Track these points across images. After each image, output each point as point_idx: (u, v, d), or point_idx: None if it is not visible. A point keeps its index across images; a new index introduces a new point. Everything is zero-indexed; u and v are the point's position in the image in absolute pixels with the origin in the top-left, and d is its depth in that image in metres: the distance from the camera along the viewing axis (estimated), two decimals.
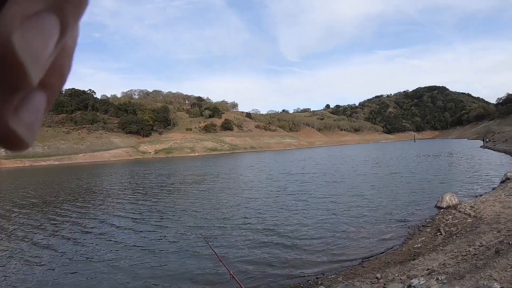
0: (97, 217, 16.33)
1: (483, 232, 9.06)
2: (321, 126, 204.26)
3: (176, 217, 15.46)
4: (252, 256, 9.78)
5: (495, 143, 53.56)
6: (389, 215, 13.66)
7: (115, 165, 67.39)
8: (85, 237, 12.66)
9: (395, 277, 7.08)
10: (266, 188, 23.24)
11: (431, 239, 10.14)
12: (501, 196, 13.57)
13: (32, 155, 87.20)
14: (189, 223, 14.02)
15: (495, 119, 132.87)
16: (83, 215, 17.01)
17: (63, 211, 18.03)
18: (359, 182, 23.67)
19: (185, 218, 15.14)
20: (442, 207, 13.72)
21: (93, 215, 16.79)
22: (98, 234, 13.02)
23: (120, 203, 20.07)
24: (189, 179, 31.81)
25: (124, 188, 27.25)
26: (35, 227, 14.74)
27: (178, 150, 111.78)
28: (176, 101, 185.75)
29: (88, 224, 14.83)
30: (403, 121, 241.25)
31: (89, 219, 15.89)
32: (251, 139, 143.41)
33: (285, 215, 14.73)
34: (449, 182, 21.43)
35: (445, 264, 7.06)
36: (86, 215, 16.88)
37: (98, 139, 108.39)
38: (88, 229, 14.00)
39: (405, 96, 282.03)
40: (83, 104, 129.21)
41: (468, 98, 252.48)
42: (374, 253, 9.72)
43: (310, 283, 8.00)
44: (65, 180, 37.29)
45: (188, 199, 20.53)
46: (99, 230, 13.64)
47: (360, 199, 17.33)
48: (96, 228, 14.04)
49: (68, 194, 25.08)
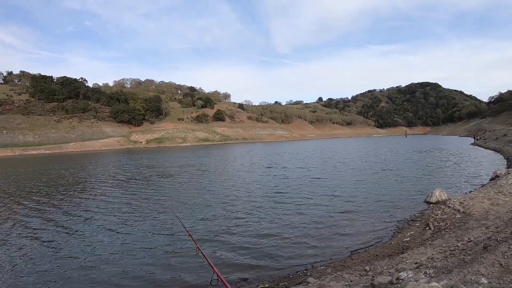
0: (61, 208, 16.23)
1: (472, 228, 9.14)
2: (313, 119, 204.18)
3: (156, 206, 15.41)
4: (241, 248, 9.78)
5: (486, 141, 54.02)
6: (379, 209, 13.75)
7: (105, 155, 66.86)
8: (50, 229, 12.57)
9: (383, 270, 7.12)
10: (257, 181, 23.23)
11: (420, 233, 10.22)
12: (490, 193, 13.70)
13: (22, 143, 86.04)
14: (175, 218, 13.97)
15: (487, 117, 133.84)
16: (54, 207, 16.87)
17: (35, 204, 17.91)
18: (350, 176, 23.76)
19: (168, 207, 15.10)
20: (432, 202, 13.84)
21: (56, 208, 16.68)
22: (65, 227, 12.94)
23: (95, 195, 19.95)
24: (176, 170, 31.69)
25: (104, 181, 27.09)
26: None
27: (169, 140, 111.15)
28: (168, 90, 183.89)
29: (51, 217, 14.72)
30: (395, 116, 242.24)
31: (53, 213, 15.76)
32: (243, 130, 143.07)
33: (274, 207, 14.75)
34: (439, 178, 21.61)
35: (433, 258, 7.11)
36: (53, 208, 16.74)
37: (89, 128, 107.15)
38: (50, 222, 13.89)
39: (398, 92, 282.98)
40: (75, 93, 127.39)
41: (460, 95, 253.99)
42: (363, 246, 9.78)
43: (299, 274, 8.02)
44: (48, 169, 36.98)
45: (172, 189, 20.46)
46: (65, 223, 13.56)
47: (349, 193, 17.39)
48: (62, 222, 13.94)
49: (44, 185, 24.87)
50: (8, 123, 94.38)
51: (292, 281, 7.54)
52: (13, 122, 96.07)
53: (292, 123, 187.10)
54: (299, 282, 7.20)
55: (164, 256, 9.36)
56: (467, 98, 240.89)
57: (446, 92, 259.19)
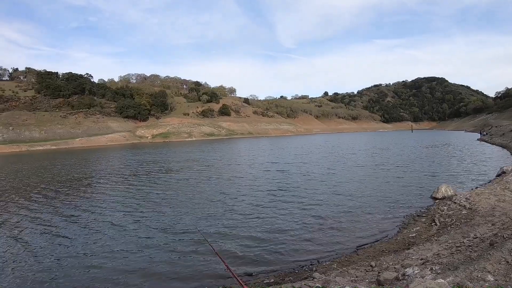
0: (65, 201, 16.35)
1: (478, 224, 9.11)
2: (318, 114, 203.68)
3: (170, 207, 15.50)
4: (245, 244, 9.82)
5: (492, 137, 53.60)
6: (384, 205, 13.73)
7: (111, 150, 67.23)
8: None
9: (389, 265, 7.13)
10: (261, 177, 23.27)
11: (426, 229, 10.20)
12: (496, 189, 13.63)
13: (29, 139, 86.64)
14: (182, 214, 14.04)
15: (493, 112, 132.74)
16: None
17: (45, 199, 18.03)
18: (355, 172, 23.73)
19: (179, 209, 15.18)
20: (438, 198, 13.80)
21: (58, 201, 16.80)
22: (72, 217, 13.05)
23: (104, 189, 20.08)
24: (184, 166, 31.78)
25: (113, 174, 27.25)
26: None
27: (175, 134, 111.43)
28: (174, 85, 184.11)
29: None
30: (401, 110, 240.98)
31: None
32: (248, 124, 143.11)
33: (278, 203, 14.76)
34: (445, 173, 21.50)
35: (439, 254, 7.11)
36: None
37: (95, 124, 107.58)
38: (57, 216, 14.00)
39: (404, 86, 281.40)
40: (80, 88, 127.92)
41: (467, 90, 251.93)
42: (369, 241, 9.78)
43: (304, 269, 8.05)
44: (54, 164, 37.25)
45: (180, 188, 20.55)
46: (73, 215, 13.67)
47: (355, 188, 17.38)
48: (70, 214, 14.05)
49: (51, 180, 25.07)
50: (14, 119, 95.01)
51: (297, 276, 7.56)
52: (19, 118, 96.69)
53: (298, 117, 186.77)
54: (305, 277, 7.23)
55: (171, 251, 9.43)
56: (473, 93, 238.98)
57: (453, 87, 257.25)
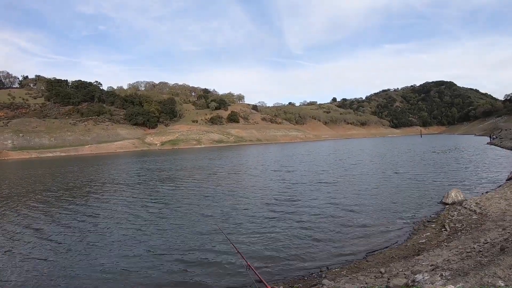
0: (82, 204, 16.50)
1: (488, 229, 9.03)
2: (327, 120, 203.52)
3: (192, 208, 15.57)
4: (253, 250, 9.82)
5: (502, 140, 52.94)
6: (394, 210, 13.64)
7: (120, 157, 67.78)
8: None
9: (399, 272, 7.09)
10: (270, 183, 23.29)
11: (435, 234, 10.13)
12: (506, 194, 13.48)
13: (38, 146, 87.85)
14: (203, 217, 14.10)
15: (503, 115, 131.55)
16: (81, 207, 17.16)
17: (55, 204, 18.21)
18: (365, 177, 23.63)
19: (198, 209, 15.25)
20: (448, 203, 13.69)
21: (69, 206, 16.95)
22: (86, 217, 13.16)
23: (121, 194, 20.25)
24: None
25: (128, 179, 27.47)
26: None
27: (184, 142, 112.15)
28: (182, 93, 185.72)
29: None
30: (409, 115, 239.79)
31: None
32: (257, 131, 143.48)
33: (287, 208, 14.73)
34: (455, 178, 21.30)
35: (449, 260, 7.06)
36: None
37: (104, 131, 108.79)
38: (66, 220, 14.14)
39: (412, 91, 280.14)
40: (90, 96, 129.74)
41: (475, 94, 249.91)
42: (378, 247, 9.72)
43: (313, 276, 8.02)
44: (67, 170, 37.62)
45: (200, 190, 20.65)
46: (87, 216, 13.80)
47: (364, 194, 17.30)
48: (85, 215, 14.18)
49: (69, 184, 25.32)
50: (24, 126, 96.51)
51: (306, 283, 7.54)
52: (29, 125, 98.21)
53: (306, 124, 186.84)
54: (314, 284, 7.22)
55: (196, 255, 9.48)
56: (482, 97, 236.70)
57: (461, 90, 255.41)
